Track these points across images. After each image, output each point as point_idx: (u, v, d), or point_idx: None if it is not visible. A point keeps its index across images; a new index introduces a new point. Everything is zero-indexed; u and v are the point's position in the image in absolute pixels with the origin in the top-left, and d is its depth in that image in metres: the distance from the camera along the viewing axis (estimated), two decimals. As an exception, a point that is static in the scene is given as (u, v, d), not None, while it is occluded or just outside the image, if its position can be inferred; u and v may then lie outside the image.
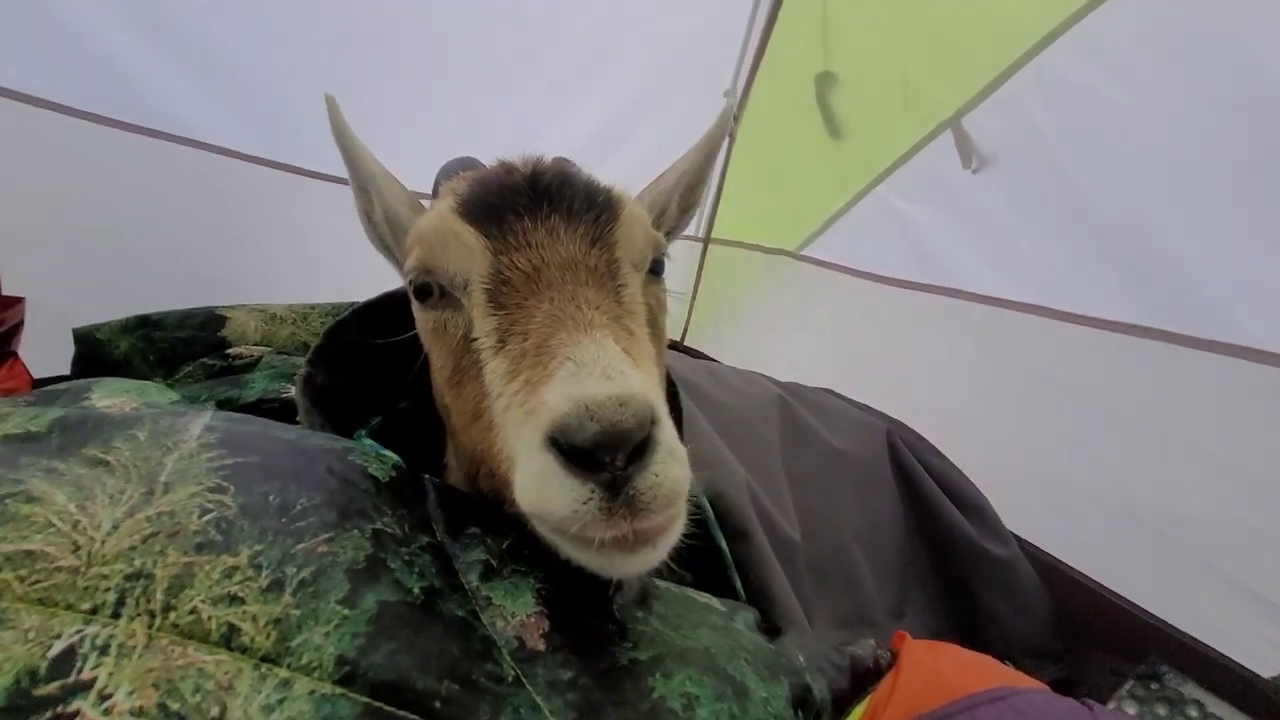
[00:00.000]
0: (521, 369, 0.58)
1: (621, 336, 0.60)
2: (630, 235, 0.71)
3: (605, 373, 0.52)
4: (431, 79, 1.95)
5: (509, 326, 0.62)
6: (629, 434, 0.48)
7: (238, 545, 0.46)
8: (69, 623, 0.39)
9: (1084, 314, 1.55)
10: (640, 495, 0.49)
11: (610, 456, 0.48)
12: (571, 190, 0.70)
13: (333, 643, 0.42)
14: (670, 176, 0.94)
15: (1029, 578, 1.54)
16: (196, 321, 1.45)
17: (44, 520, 0.44)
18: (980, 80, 1.72)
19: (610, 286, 0.66)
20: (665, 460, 0.50)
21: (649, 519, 0.49)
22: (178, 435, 0.58)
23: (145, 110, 1.64)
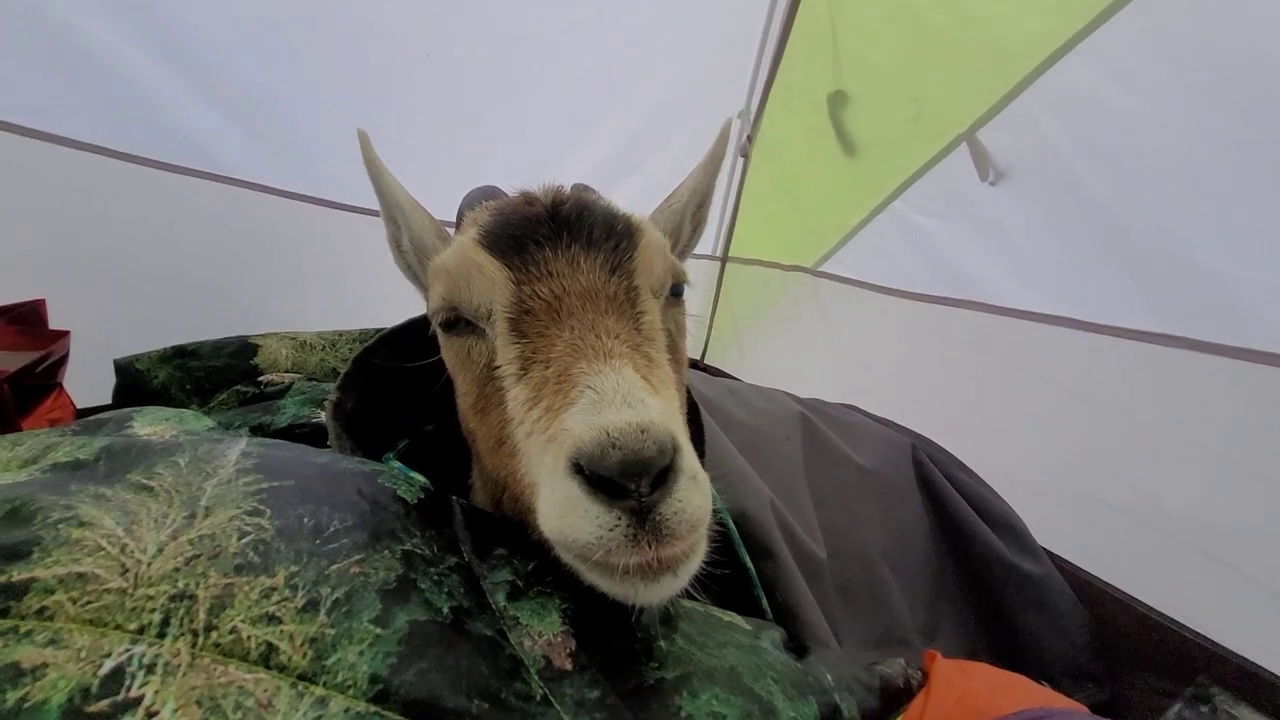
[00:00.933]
0: (543, 396, 0.60)
1: (641, 364, 0.61)
2: (648, 262, 0.72)
3: (626, 400, 0.54)
4: (452, 109, 2.01)
5: (531, 355, 0.64)
6: (651, 461, 0.49)
7: (275, 567, 0.48)
8: (118, 642, 0.41)
9: (1109, 324, 1.53)
10: (665, 521, 0.50)
11: (635, 483, 0.49)
12: (591, 219, 0.72)
13: (366, 661, 0.44)
14: (681, 196, 0.96)
15: (1065, 595, 1.49)
16: (230, 350, 1.50)
17: (94, 544, 0.46)
18: (992, 95, 1.73)
19: (630, 314, 0.67)
20: (688, 487, 0.51)
21: (673, 545, 0.50)
22: (216, 461, 0.61)
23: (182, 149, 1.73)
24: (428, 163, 1.62)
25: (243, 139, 1.80)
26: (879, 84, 2.02)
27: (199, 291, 1.81)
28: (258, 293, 1.89)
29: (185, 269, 1.79)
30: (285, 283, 1.94)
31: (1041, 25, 1.55)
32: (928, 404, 1.87)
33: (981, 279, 1.81)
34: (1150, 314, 1.43)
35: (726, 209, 2.77)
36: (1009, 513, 1.59)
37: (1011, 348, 1.73)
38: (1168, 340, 1.39)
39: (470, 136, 2.05)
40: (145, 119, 1.67)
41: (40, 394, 1.53)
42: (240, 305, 1.85)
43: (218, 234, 1.83)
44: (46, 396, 1.56)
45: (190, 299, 1.79)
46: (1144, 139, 1.44)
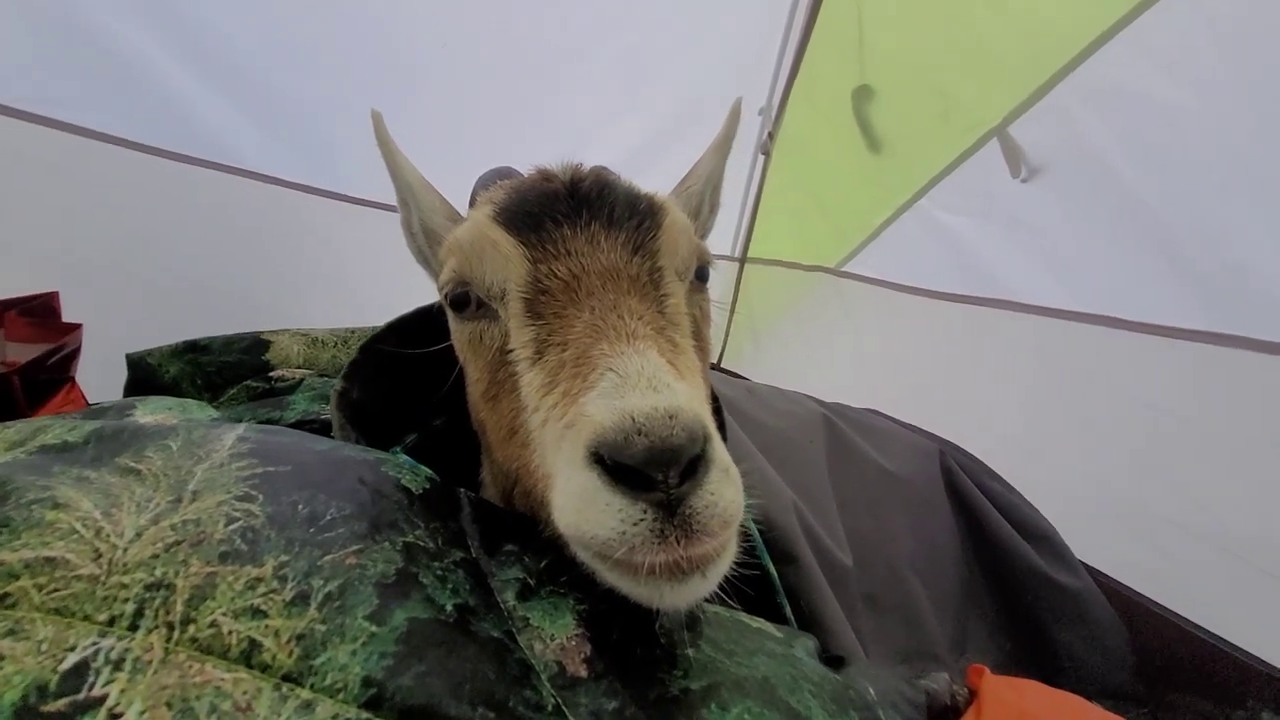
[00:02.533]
0: (560, 381, 0.55)
1: (665, 349, 0.57)
2: (673, 243, 0.68)
3: (651, 384, 0.49)
4: (470, 106, 2.00)
5: (547, 337, 0.59)
6: (681, 449, 0.44)
7: (263, 556, 0.44)
8: (84, 634, 0.37)
9: (1153, 322, 1.45)
10: (696, 516, 0.45)
11: (662, 474, 0.44)
12: (612, 197, 0.68)
13: (359, 662, 0.39)
14: (698, 178, 0.92)
15: (1104, 611, 1.41)
16: (242, 346, 1.48)
17: (68, 527, 0.42)
18: (1025, 89, 1.67)
19: (653, 296, 0.63)
20: (720, 479, 0.47)
21: (703, 543, 0.45)
22: (210, 445, 0.57)
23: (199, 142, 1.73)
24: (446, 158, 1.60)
25: (259, 133, 1.80)
26: (906, 78, 1.96)
27: (212, 286, 1.80)
28: (271, 288, 1.88)
29: (199, 263, 1.78)
30: (299, 278, 1.93)
31: (1079, 14, 1.49)
32: (957, 409, 1.80)
33: (1013, 279, 1.75)
34: (1200, 313, 1.35)
35: (746, 208, 2.72)
36: (1043, 523, 1.52)
37: (1048, 349, 1.66)
38: (1222, 339, 1.31)
39: (488, 133, 2.04)
40: (164, 111, 1.67)
41: (52, 387, 1.52)
42: (253, 300, 1.84)
43: (233, 228, 1.83)
44: (59, 390, 1.55)
45: (203, 293, 1.79)
46: (1191, 132, 1.37)
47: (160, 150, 1.68)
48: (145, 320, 1.59)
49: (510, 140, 2.11)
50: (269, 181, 1.83)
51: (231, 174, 1.78)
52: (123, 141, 1.63)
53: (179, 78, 1.68)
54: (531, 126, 2.12)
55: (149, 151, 1.67)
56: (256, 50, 1.74)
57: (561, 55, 2.10)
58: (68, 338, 1.54)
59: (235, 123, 1.77)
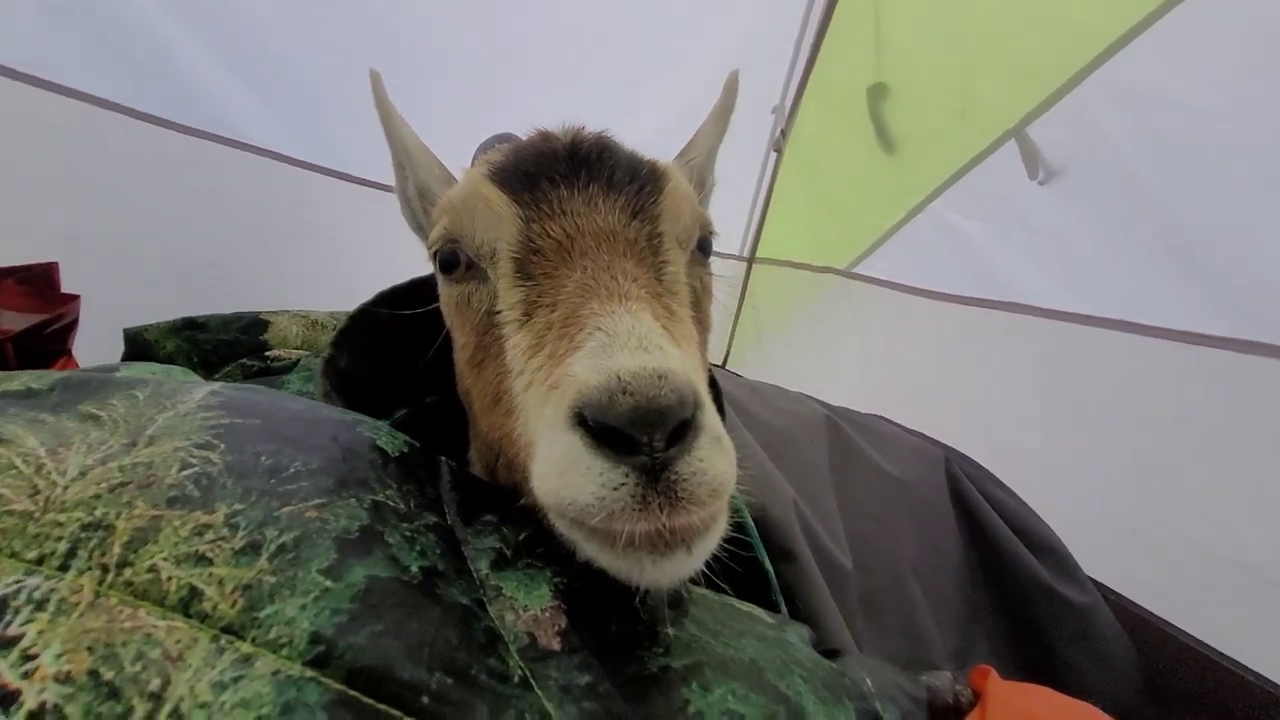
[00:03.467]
0: (546, 342, 0.52)
1: (661, 314, 0.54)
2: (675, 209, 0.65)
3: (641, 345, 0.46)
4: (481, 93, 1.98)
5: (536, 298, 0.57)
6: (669, 410, 0.41)
7: (215, 503, 0.41)
8: (9, 571, 0.34)
9: (1171, 327, 1.41)
10: (682, 482, 0.42)
11: (648, 435, 0.41)
12: (613, 159, 0.66)
13: (308, 617, 0.36)
14: (700, 150, 0.90)
15: (1111, 628, 1.37)
16: (240, 325, 1.47)
17: (6, 462, 0.39)
18: (1044, 89, 1.63)
19: (651, 262, 0.60)
20: (710, 447, 0.43)
21: (689, 513, 0.42)
22: (179, 396, 0.54)
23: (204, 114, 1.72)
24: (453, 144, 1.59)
25: (264, 108, 1.80)
26: (923, 76, 1.93)
27: (213, 262, 1.79)
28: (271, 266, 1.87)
29: (200, 239, 1.77)
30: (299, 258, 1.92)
31: (1100, 13, 1.46)
32: (965, 414, 1.76)
33: (1026, 282, 1.71)
34: (1219, 318, 1.31)
35: (755, 208, 2.69)
36: (1050, 535, 1.47)
37: (1061, 354, 1.61)
38: (1241, 345, 1.27)
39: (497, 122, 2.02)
40: (169, 81, 1.66)
41: (49, 359, 1.51)
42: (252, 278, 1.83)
43: (236, 205, 1.82)
44: (55, 362, 1.53)
45: (203, 269, 1.77)
46: (1214, 134, 1.33)
47: (164, 121, 1.67)
48: (144, 295, 1.57)
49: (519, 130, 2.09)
50: (273, 158, 1.82)
51: (235, 148, 1.77)
52: (127, 110, 1.62)
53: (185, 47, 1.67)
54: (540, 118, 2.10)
55: (153, 121, 1.65)
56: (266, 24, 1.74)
57: (573, 47, 2.08)
58: (65, 309, 1.52)
59: (241, 97, 1.76)
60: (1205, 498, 1.35)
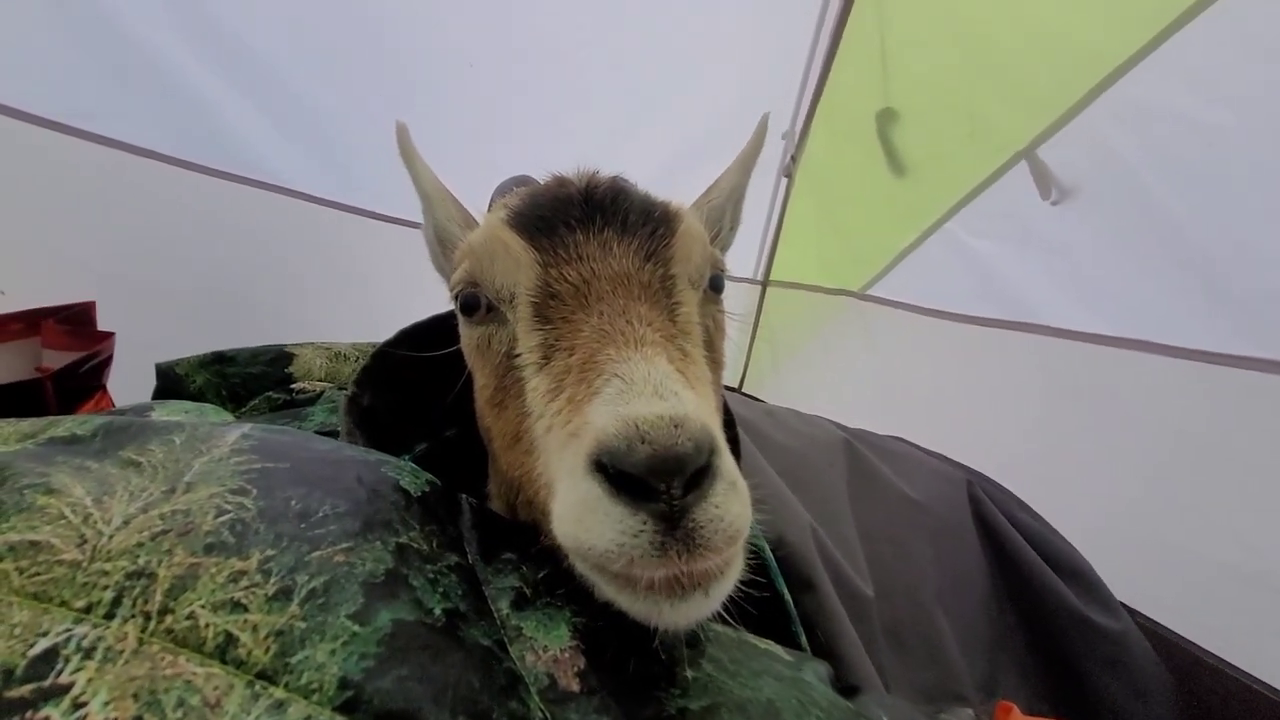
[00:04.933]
0: (565, 386, 0.54)
1: (675, 356, 0.56)
2: (687, 250, 0.67)
3: (657, 392, 0.48)
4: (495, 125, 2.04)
5: (554, 342, 0.58)
6: (686, 458, 0.42)
7: (249, 549, 0.42)
8: (59, 620, 0.36)
9: (1187, 346, 1.39)
10: (699, 529, 0.43)
11: (666, 484, 0.42)
12: (626, 203, 0.68)
13: (337, 662, 0.37)
14: (720, 192, 0.92)
15: (1145, 655, 1.33)
16: (267, 358, 1.51)
17: (57, 512, 0.41)
18: (1055, 110, 1.64)
19: (665, 304, 0.62)
20: (726, 493, 0.45)
21: (706, 559, 0.43)
22: (213, 440, 0.57)
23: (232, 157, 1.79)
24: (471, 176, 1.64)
25: (290, 149, 1.86)
26: (931, 100, 1.95)
27: (241, 298, 1.85)
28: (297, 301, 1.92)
29: (229, 276, 1.83)
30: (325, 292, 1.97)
31: (1108, 35, 1.47)
32: (982, 435, 1.73)
33: (1041, 302, 1.70)
34: (1236, 338, 1.29)
35: (768, 232, 2.71)
36: (1078, 559, 1.44)
37: (1077, 374, 1.60)
38: (1257, 364, 1.25)
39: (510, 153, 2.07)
40: (198, 127, 1.74)
41: (84, 394, 1.56)
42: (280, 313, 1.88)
43: (263, 242, 1.88)
44: (90, 397, 1.59)
45: (233, 305, 1.83)
46: (1228, 152, 1.33)
47: (194, 165, 1.75)
48: (175, 330, 1.63)
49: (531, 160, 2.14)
50: (298, 197, 1.89)
51: (262, 189, 1.84)
52: (159, 155, 1.70)
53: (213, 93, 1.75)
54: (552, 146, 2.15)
55: (183, 166, 1.73)
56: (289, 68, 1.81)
57: (583, 77, 2.13)
58: (101, 346, 1.58)
59: (268, 139, 1.84)
60: (1223, 516, 1.32)
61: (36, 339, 1.53)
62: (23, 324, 1.51)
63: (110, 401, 1.68)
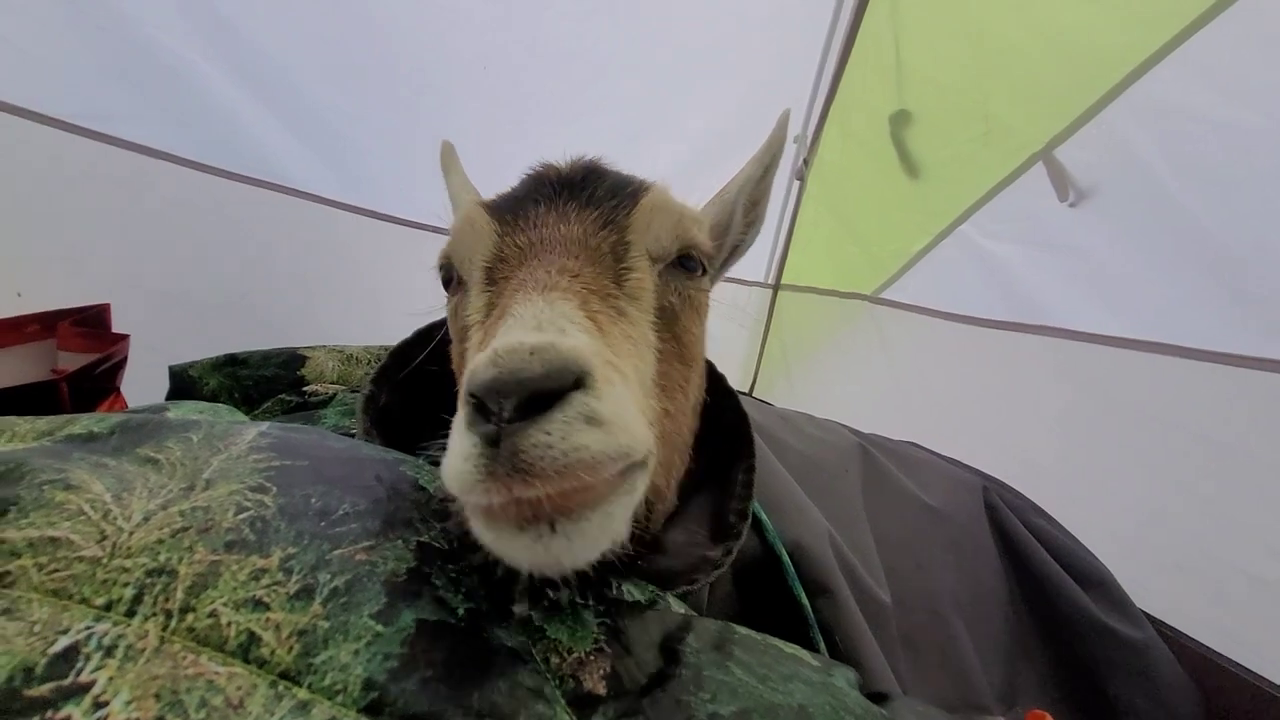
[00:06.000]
0: (488, 339, 0.53)
1: (596, 307, 0.55)
2: (647, 221, 0.67)
3: (539, 325, 0.48)
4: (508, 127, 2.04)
5: (495, 300, 0.60)
6: (525, 380, 0.41)
7: (270, 547, 0.42)
8: (80, 618, 0.35)
9: (1210, 349, 1.37)
10: (522, 453, 0.40)
11: (498, 405, 0.41)
12: (596, 179, 0.69)
13: (361, 663, 0.36)
14: (733, 186, 0.91)
15: (1169, 666, 1.30)
16: (279, 360, 1.50)
17: (76, 508, 0.41)
18: (1072, 111, 1.62)
19: (611, 267, 0.62)
20: (571, 422, 0.42)
21: (531, 485, 0.40)
22: (231, 438, 0.56)
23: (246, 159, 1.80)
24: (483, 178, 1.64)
25: (304, 152, 1.87)
26: (945, 102, 1.94)
27: (254, 300, 1.85)
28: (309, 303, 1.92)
29: (242, 278, 1.84)
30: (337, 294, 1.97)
31: (1126, 35, 1.45)
32: (999, 441, 1.71)
33: (1059, 305, 1.67)
34: (1261, 339, 1.27)
35: (780, 236, 2.70)
36: (1099, 567, 1.41)
37: (1096, 378, 1.57)
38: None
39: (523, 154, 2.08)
40: (214, 130, 1.75)
41: (99, 396, 1.57)
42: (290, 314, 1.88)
43: (275, 245, 1.89)
44: (104, 399, 1.59)
45: (245, 307, 1.84)
46: (1251, 151, 1.31)
47: (208, 167, 1.76)
48: (188, 332, 1.63)
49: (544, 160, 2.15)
50: (311, 200, 1.89)
51: (275, 191, 1.85)
52: (173, 158, 1.71)
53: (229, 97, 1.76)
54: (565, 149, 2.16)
55: (197, 168, 1.74)
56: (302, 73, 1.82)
57: (595, 80, 2.14)
58: (115, 348, 1.59)
59: (282, 142, 1.85)
60: (1249, 523, 1.29)
61: (52, 341, 1.54)
62: (39, 326, 1.52)
63: (124, 404, 1.68)
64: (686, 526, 0.83)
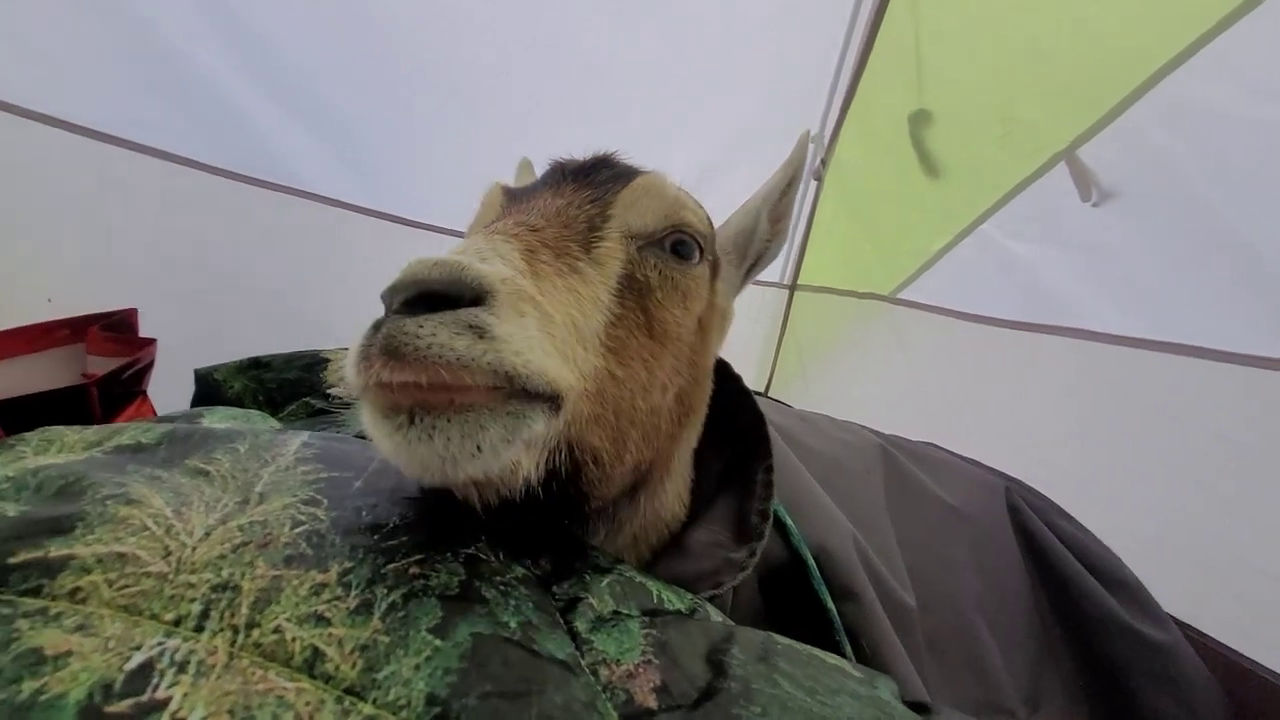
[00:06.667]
0: None
1: (545, 260, 0.56)
2: (633, 199, 0.67)
3: (463, 250, 0.49)
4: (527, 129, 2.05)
5: None
6: (419, 281, 0.43)
7: (328, 561, 0.42)
8: (151, 633, 0.36)
9: (1236, 351, 1.35)
10: (390, 337, 0.42)
11: (389, 299, 0.44)
12: (603, 164, 0.72)
13: (423, 678, 0.37)
14: (757, 196, 0.91)
15: (1197, 670, 1.29)
16: (302, 363, 1.52)
17: (139, 523, 0.42)
18: (1096, 111, 1.60)
19: (582, 233, 0.63)
20: (447, 324, 0.42)
21: (396, 369, 0.41)
22: (276, 449, 0.57)
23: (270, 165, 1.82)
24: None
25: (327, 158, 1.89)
26: (966, 101, 1.92)
27: (280, 304, 1.87)
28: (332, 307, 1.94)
29: (265, 281, 1.86)
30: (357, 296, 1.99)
31: (1152, 33, 1.43)
32: (1019, 443, 1.70)
33: (1083, 306, 1.66)
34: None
35: (796, 235, 2.69)
36: (1123, 569, 1.40)
37: (1122, 380, 1.55)
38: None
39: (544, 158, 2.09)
40: (239, 137, 1.77)
41: (126, 400, 1.59)
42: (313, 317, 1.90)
43: (299, 249, 1.91)
44: (132, 403, 1.62)
45: (270, 311, 1.86)
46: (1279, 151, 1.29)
47: (232, 173, 1.79)
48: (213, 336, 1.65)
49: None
50: (331, 204, 1.92)
51: (295, 196, 1.88)
52: (198, 164, 1.74)
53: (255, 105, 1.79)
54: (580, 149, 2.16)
55: (221, 174, 1.77)
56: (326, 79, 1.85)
57: (612, 83, 2.14)
58: (142, 352, 1.61)
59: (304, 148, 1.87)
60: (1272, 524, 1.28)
61: (82, 345, 1.56)
62: (69, 331, 1.54)
63: (151, 406, 1.71)
64: (709, 528, 0.84)
